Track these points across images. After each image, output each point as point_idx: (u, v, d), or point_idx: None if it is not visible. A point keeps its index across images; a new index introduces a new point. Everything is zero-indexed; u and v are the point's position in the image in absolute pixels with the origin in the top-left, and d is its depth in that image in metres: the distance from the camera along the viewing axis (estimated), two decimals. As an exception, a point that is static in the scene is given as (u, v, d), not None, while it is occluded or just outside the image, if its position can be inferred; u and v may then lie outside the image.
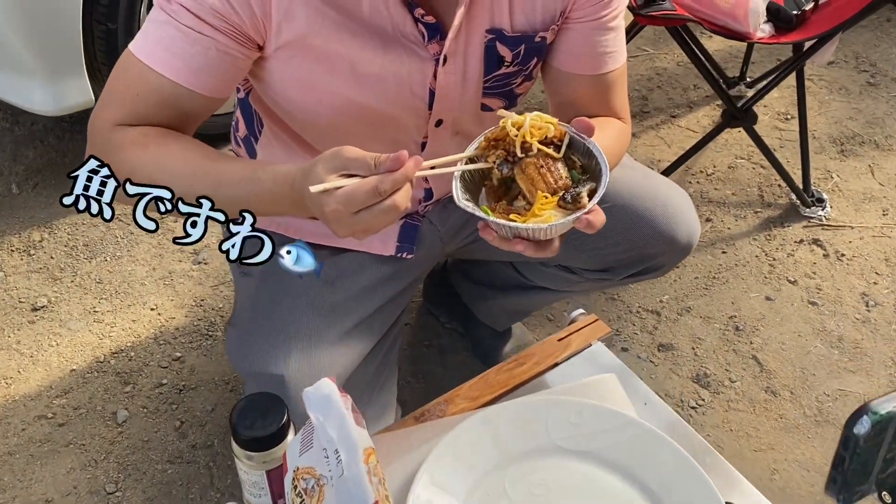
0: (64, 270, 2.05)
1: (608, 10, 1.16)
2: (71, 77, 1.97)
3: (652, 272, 1.43)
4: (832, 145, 2.53)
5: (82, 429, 1.72)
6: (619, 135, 1.22)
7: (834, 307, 2.03)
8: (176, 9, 1.00)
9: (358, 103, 1.12)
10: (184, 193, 0.98)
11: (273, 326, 1.23)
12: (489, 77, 1.16)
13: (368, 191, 0.86)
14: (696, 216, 1.39)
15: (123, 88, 1.05)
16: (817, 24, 1.90)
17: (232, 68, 1.05)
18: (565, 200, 0.94)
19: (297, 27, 1.04)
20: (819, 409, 1.81)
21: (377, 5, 1.05)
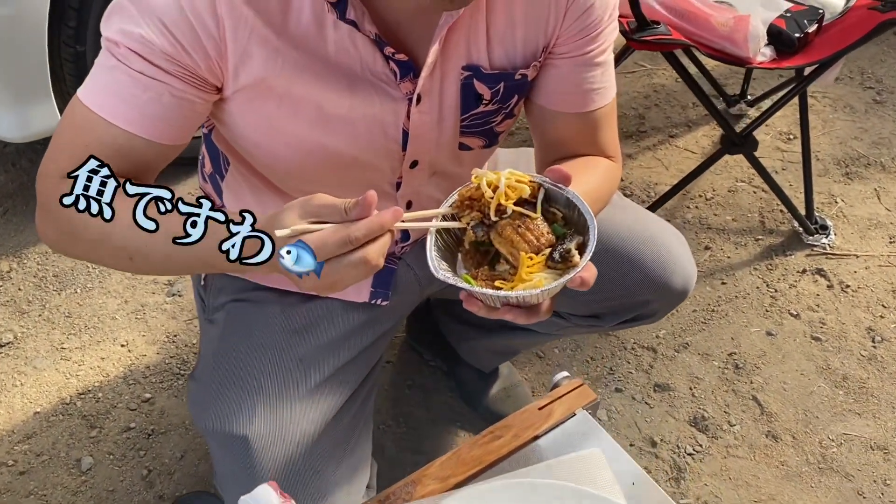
0: (32, 303, 1.96)
1: (595, 44, 1.07)
2: (38, 102, 1.88)
3: (644, 319, 1.34)
4: (836, 167, 2.43)
5: (44, 477, 1.63)
6: (606, 176, 1.13)
7: (838, 343, 1.94)
8: (124, 52, 0.91)
9: (326, 147, 1.03)
10: (139, 249, 0.92)
11: (236, 381, 1.14)
12: (467, 115, 1.07)
13: (339, 239, 0.77)
14: (692, 260, 1.30)
15: (72, 139, 0.96)
16: (820, 48, 1.80)
17: (190, 113, 0.96)
18: (553, 260, 0.85)
19: (255, 69, 0.94)
20: (823, 455, 1.71)
21: (343, 44, 0.95)
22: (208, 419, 1.13)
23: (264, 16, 0.92)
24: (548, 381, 1.83)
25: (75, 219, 0.92)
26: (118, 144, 0.94)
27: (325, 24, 0.94)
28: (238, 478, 1.08)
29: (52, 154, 0.98)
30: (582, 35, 1.05)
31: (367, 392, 1.25)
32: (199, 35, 0.90)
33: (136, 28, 0.89)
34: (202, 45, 0.91)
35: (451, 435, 1.73)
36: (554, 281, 0.84)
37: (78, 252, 1.00)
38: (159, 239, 0.89)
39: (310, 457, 1.09)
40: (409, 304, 1.34)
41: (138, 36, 0.89)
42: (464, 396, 1.77)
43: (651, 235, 1.26)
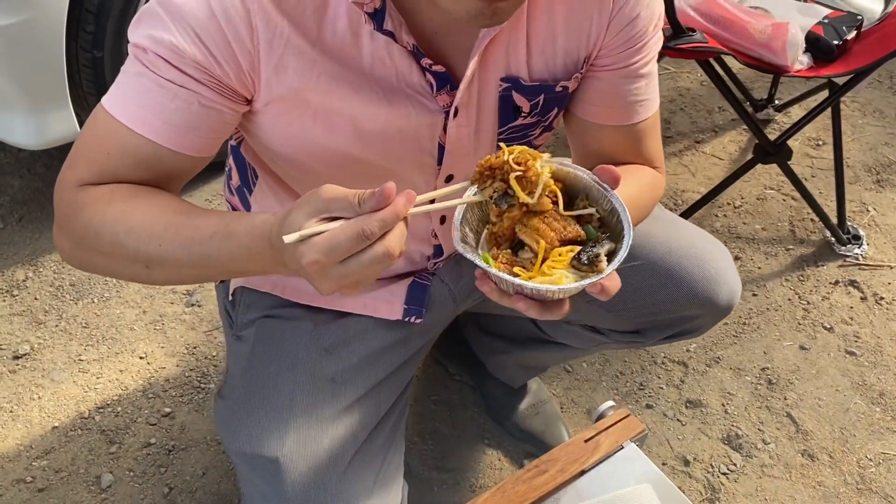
0: (48, 313, 1.92)
1: (639, 56, 1.02)
2: (55, 108, 1.84)
3: (687, 334, 1.30)
4: (867, 174, 2.38)
5: (63, 495, 1.59)
6: (651, 185, 1.09)
7: (874, 358, 1.89)
8: (152, 59, 0.86)
9: (360, 160, 0.99)
10: (154, 255, 0.88)
11: (266, 401, 1.10)
12: (504, 129, 1.03)
13: (353, 235, 0.72)
14: (737, 273, 1.26)
15: (93, 147, 0.92)
16: (859, 56, 1.75)
17: (218, 124, 0.92)
18: (580, 261, 0.80)
19: (290, 81, 0.90)
20: (861, 475, 1.67)
21: (379, 55, 0.91)
22: (238, 442, 1.09)
23: (300, 27, 0.88)
24: (577, 397, 1.79)
25: (89, 227, 0.89)
26: (142, 154, 0.90)
27: (361, 34, 0.90)
28: (268, 500, 1.05)
29: (71, 162, 0.93)
30: (626, 46, 1.01)
31: (399, 412, 1.21)
32: (232, 46, 0.86)
33: (166, 35, 0.85)
34: (235, 57, 0.87)
35: (477, 452, 1.69)
36: (575, 282, 0.79)
37: (93, 264, 0.95)
38: (174, 243, 0.86)
39: (341, 480, 1.05)
40: (442, 322, 1.30)
41: (168, 43, 0.85)
42: (491, 412, 1.72)
43: (696, 249, 1.22)
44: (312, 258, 0.73)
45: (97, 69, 1.87)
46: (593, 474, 0.99)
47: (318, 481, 1.03)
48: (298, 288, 1.20)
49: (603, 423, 1.03)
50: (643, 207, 1.06)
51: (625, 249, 0.80)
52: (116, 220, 0.88)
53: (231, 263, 0.86)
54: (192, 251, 0.85)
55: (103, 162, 0.91)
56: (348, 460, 1.07)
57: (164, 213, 0.89)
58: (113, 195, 0.90)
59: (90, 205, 0.90)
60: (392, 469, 1.16)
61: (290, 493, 1.03)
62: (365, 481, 1.07)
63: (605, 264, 0.80)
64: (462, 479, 1.64)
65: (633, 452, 1.01)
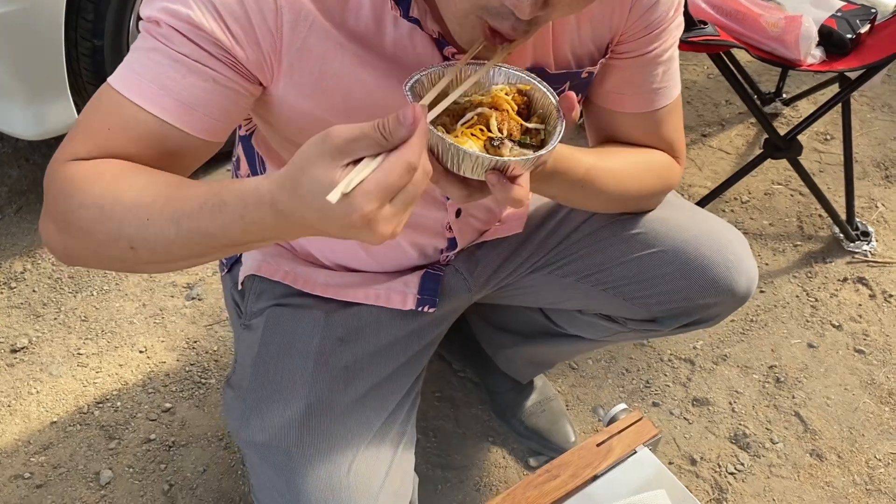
0: (47, 306, 1.89)
1: (658, 42, 1.00)
2: (53, 98, 1.81)
3: (704, 322, 1.28)
4: (876, 170, 2.35)
5: (62, 491, 1.57)
6: (658, 166, 1.08)
7: (883, 356, 1.87)
8: (166, 32, 0.81)
9: None
10: (140, 232, 0.79)
11: (278, 391, 1.08)
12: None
13: (403, 172, 0.67)
14: (755, 261, 1.24)
15: (93, 123, 0.85)
16: (873, 50, 1.72)
17: (233, 106, 0.87)
18: (490, 143, 0.79)
19: (313, 65, 0.87)
20: (870, 475, 1.65)
21: (403, 43, 0.88)
22: (249, 431, 1.07)
23: (324, 10, 0.85)
24: (582, 395, 1.76)
25: (72, 201, 0.81)
26: (146, 130, 0.83)
27: (385, 21, 0.87)
28: (279, 492, 1.03)
29: (69, 137, 0.86)
30: (646, 32, 0.99)
31: (411, 403, 1.19)
32: (254, 26, 0.82)
33: (183, 8, 0.80)
34: (255, 38, 0.83)
35: (482, 450, 1.67)
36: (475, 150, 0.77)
37: (76, 251, 0.86)
38: (162, 217, 0.78)
39: (353, 471, 1.03)
40: (456, 311, 1.28)
41: (186, 16, 0.80)
42: (496, 409, 1.70)
43: (715, 236, 1.20)
44: (368, 208, 0.66)
45: (97, 58, 1.83)
46: (606, 479, 0.97)
47: (329, 471, 1.02)
48: (311, 278, 1.18)
49: (616, 427, 1.01)
50: (636, 179, 1.06)
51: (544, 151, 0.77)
52: (103, 193, 0.80)
53: (224, 237, 0.77)
54: (182, 226, 0.77)
55: (102, 137, 0.83)
56: (360, 450, 1.05)
57: (155, 184, 0.81)
58: (103, 169, 0.82)
59: (78, 178, 0.82)
60: (404, 460, 1.14)
61: (301, 483, 1.01)
62: (377, 472, 1.05)
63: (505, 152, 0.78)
64: (466, 477, 1.62)
65: (646, 457, 0.99)
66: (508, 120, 0.82)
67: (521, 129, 0.82)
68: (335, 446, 1.03)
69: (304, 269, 1.19)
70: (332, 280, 1.19)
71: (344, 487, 1.01)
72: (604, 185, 1.02)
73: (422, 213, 1.10)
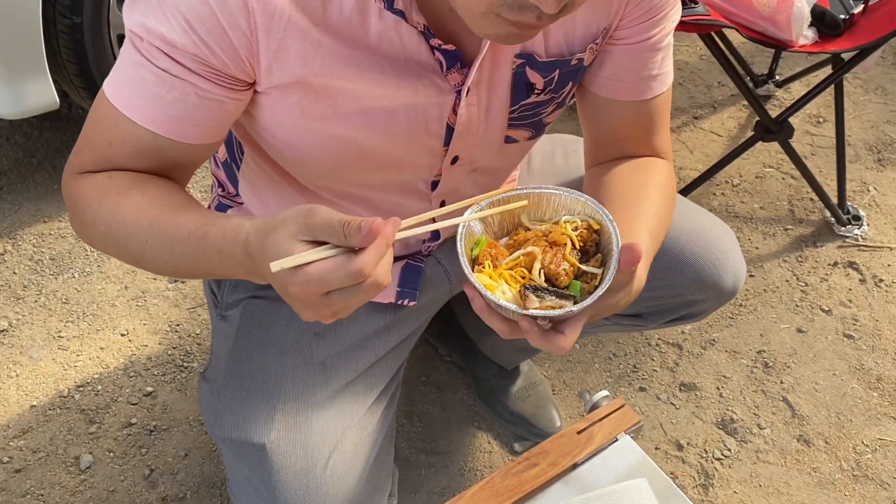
0: (27, 288, 1.87)
1: (658, 28, 0.97)
2: (32, 76, 1.77)
3: (689, 318, 1.27)
4: (868, 153, 2.33)
5: (41, 476, 1.55)
6: (667, 195, 1.03)
7: (872, 341, 1.85)
8: (147, 48, 0.82)
9: (362, 147, 0.94)
10: (141, 250, 0.86)
11: (253, 386, 1.06)
12: (516, 107, 0.98)
13: (346, 274, 0.69)
14: (742, 257, 1.22)
15: (96, 135, 0.90)
16: (866, 30, 1.69)
17: (219, 114, 0.87)
18: (525, 289, 0.78)
19: (291, 66, 0.85)
20: (857, 461, 1.64)
21: (388, 34, 0.85)
22: (224, 427, 1.05)
23: (303, 6, 0.82)
24: (569, 379, 1.75)
25: (86, 215, 0.89)
26: (143, 144, 0.88)
27: (369, 12, 0.84)
28: (255, 488, 1.01)
29: (77, 148, 0.93)
30: (646, 18, 0.96)
31: (390, 397, 1.17)
32: (227, 32, 0.80)
33: (157, 25, 0.80)
34: (231, 43, 0.81)
35: (467, 435, 1.65)
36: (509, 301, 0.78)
37: (100, 247, 0.94)
38: (158, 240, 0.84)
39: (330, 466, 1.01)
40: (437, 303, 1.26)
41: (160, 34, 0.80)
42: (481, 394, 1.69)
43: (703, 233, 1.18)
44: (300, 288, 0.71)
45: (76, 36, 1.80)
46: (586, 468, 0.95)
47: (306, 468, 1.00)
48: None
49: (597, 414, 0.99)
50: (665, 224, 1.02)
51: (565, 311, 0.76)
52: (109, 212, 0.87)
53: (206, 264, 0.83)
54: (174, 249, 0.84)
55: (105, 151, 0.89)
56: (338, 445, 1.03)
57: (153, 206, 0.87)
58: (109, 186, 0.89)
59: (87, 195, 0.89)
60: (382, 454, 1.12)
61: (277, 480, 0.99)
62: (355, 468, 1.04)
63: (535, 305, 0.77)
64: (451, 462, 1.60)
65: (627, 445, 0.97)
66: (562, 259, 0.80)
67: (576, 270, 0.81)
68: (312, 442, 1.02)
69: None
70: None
71: (321, 483, 0.99)
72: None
73: (406, 203, 1.07)
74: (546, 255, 0.81)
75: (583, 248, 0.83)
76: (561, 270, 0.80)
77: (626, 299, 0.84)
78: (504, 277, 0.80)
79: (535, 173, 1.28)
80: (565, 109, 2.28)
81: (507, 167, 1.12)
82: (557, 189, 0.85)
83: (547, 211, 0.87)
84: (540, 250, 0.81)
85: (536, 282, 0.79)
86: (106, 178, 0.90)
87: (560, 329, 0.80)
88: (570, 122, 2.34)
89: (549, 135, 1.34)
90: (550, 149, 1.31)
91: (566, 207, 0.86)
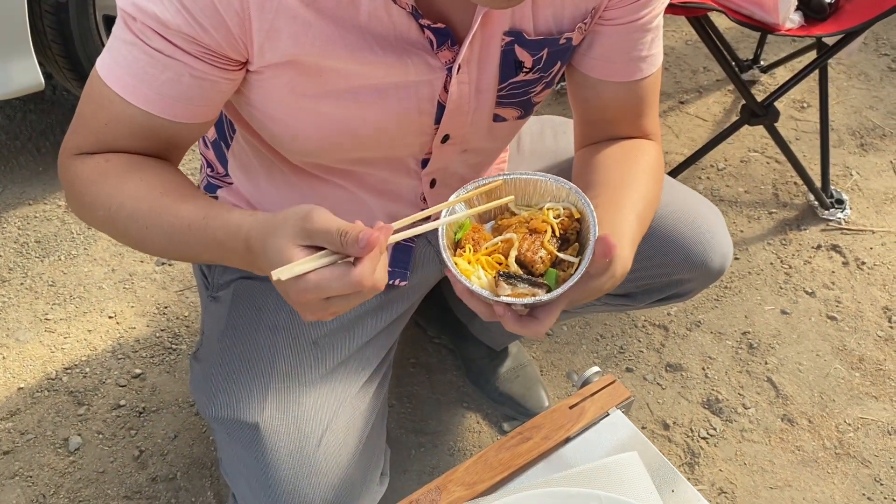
0: (13, 271, 1.85)
1: (647, 9, 0.98)
2: (16, 57, 1.75)
3: (677, 298, 1.28)
4: (851, 138, 2.36)
5: (30, 457, 1.54)
6: (655, 177, 1.04)
7: (854, 323, 1.88)
8: (140, 28, 0.82)
9: (353, 127, 0.94)
10: (141, 237, 0.88)
11: (245, 365, 1.07)
12: (505, 84, 0.98)
13: (346, 284, 0.72)
14: (729, 236, 1.23)
15: (91, 115, 0.90)
16: (851, 15, 1.71)
17: (213, 93, 0.88)
18: (500, 275, 0.79)
19: (283, 46, 0.85)
20: (840, 440, 1.66)
21: (377, 13, 0.86)
22: (216, 407, 1.06)
23: None
24: (556, 360, 1.76)
25: (84, 198, 0.90)
26: (137, 123, 0.88)
27: None
28: (248, 466, 1.02)
29: (73, 127, 0.93)
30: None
31: (382, 376, 1.18)
32: (219, 10, 0.80)
33: (150, 5, 0.80)
34: (223, 22, 0.81)
35: (456, 415, 1.67)
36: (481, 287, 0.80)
37: (100, 229, 0.95)
38: (157, 229, 0.86)
39: (323, 445, 1.02)
40: (428, 283, 1.26)
41: (152, 13, 0.80)
42: (470, 376, 1.70)
43: (690, 212, 1.19)
44: (301, 296, 0.73)
45: (60, 16, 1.78)
46: (578, 441, 0.96)
47: (299, 447, 1.00)
48: None
49: (588, 390, 1.00)
50: (652, 208, 1.03)
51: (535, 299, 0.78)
52: (108, 195, 0.88)
53: (207, 255, 0.86)
54: (173, 239, 0.86)
55: (101, 132, 0.90)
56: (331, 424, 1.04)
57: (152, 191, 0.88)
58: (107, 168, 0.90)
59: (85, 177, 0.90)
60: (376, 435, 1.13)
61: (270, 458, 1.00)
62: (347, 446, 1.04)
63: (505, 292, 0.78)
64: (440, 442, 1.61)
65: (618, 419, 0.98)
66: (540, 247, 0.82)
67: (553, 258, 0.82)
68: (304, 420, 1.02)
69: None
70: None
71: (314, 461, 1.00)
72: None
73: (396, 181, 1.08)
74: (524, 243, 0.82)
75: (563, 236, 0.84)
76: (538, 258, 0.81)
77: (609, 283, 0.85)
78: (481, 263, 0.82)
79: (524, 154, 1.29)
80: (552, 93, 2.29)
81: (496, 147, 1.12)
82: (544, 175, 0.86)
83: (534, 196, 0.88)
84: (518, 237, 0.83)
85: (511, 269, 0.81)
86: (103, 161, 0.90)
87: (535, 315, 0.81)
88: (557, 106, 2.35)
89: (539, 116, 1.34)
90: (539, 130, 1.31)
91: (551, 194, 0.87)
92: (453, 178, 1.11)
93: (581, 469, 0.92)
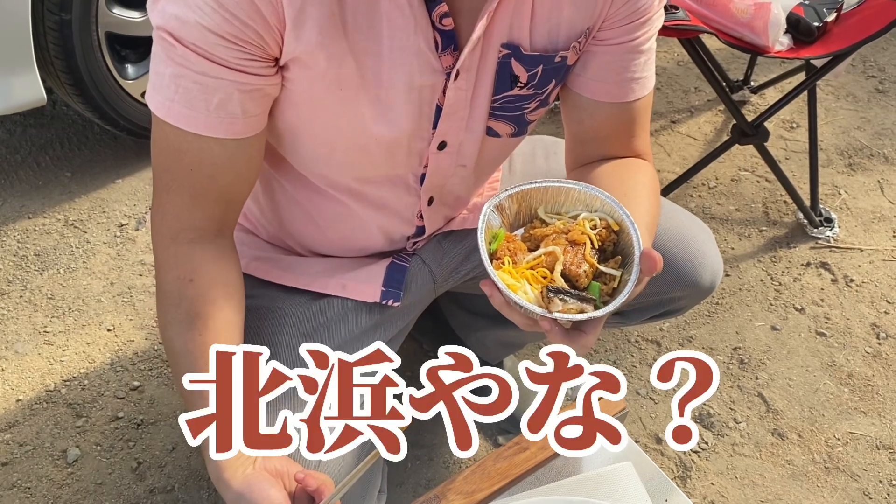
0: (12, 283, 1.87)
1: (641, 31, 1.01)
2: (20, 72, 1.78)
3: (669, 315, 1.30)
4: (839, 158, 2.40)
5: (29, 469, 1.55)
6: (655, 193, 1.07)
7: (843, 339, 1.91)
8: (183, 53, 0.84)
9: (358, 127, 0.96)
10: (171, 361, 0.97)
11: None
12: (499, 97, 1.01)
13: None
14: (719, 254, 1.26)
15: (173, 164, 0.93)
16: (839, 38, 1.75)
17: (262, 100, 0.91)
18: (548, 290, 0.80)
19: (308, 35, 0.87)
20: (829, 454, 1.69)
21: (399, 2, 0.88)
22: None
23: None
24: (551, 375, 1.78)
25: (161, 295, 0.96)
26: (214, 155, 0.91)
27: None
28: None
29: (164, 186, 0.94)
30: (630, 20, 0.99)
31: None
32: (253, 1, 0.82)
33: (190, 13, 0.82)
34: (259, 11, 0.83)
35: (451, 429, 1.68)
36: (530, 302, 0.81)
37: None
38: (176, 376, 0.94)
39: (322, 466, 1.03)
40: (422, 303, 1.28)
41: (194, 23, 0.82)
42: (466, 389, 1.71)
43: (682, 231, 1.21)
44: None
45: (64, 32, 1.81)
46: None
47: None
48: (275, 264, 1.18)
49: (584, 401, 1.02)
50: (655, 223, 1.05)
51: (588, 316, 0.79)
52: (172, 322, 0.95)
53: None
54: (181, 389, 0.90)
55: (188, 180, 0.92)
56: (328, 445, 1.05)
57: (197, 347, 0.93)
58: (183, 297, 0.94)
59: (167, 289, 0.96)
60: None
61: None
62: (345, 462, 1.06)
63: (558, 308, 0.79)
64: (436, 454, 1.63)
65: (613, 430, 1.00)
66: (583, 260, 0.82)
67: (595, 271, 0.82)
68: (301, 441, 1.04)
69: (269, 254, 1.19)
70: (296, 267, 1.18)
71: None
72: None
73: (394, 197, 1.10)
74: (567, 255, 0.82)
75: (600, 248, 0.84)
76: (581, 272, 0.82)
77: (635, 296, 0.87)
78: (526, 277, 0.82)
79: (516, 174, 1.31)
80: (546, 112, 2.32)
81: (490, 164, 1.15)
82: (577, 184, 0.87)
83: (565, 204, 0.88)
84: (562, 250, 0.83)
85: (558, 283, 0.81)
86: (188, 283, 0.94)
87: (582, 328, 0.83)
88: (551, 125, 2.38)
89: (530, 136, 1.37)
90: (531, 150, 1.34)
91: (584, 203, 0.87)
92: (449, 196, 1.13)
93: (577, 478, 0.95)
